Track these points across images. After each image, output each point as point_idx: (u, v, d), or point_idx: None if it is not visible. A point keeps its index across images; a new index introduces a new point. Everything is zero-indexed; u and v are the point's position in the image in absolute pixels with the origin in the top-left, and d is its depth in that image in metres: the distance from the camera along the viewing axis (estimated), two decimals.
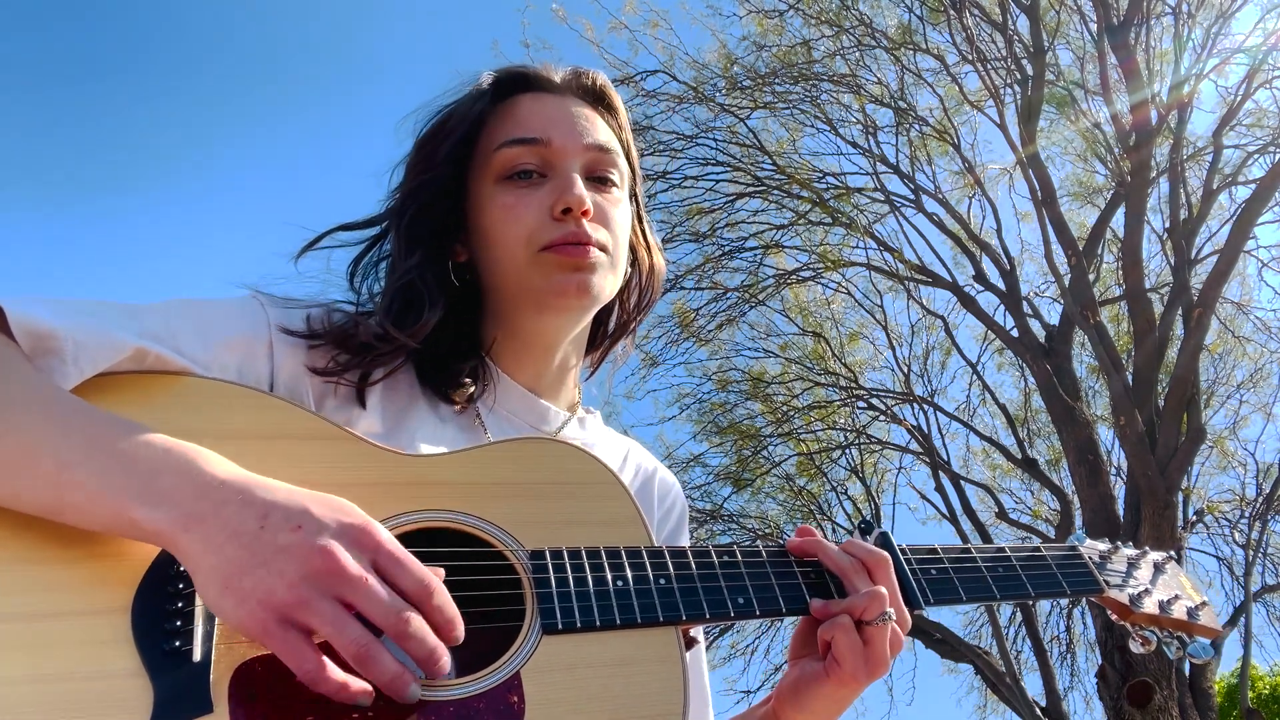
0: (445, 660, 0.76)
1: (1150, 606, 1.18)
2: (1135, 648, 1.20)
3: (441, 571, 0.80)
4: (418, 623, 0.75)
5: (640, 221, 1.28)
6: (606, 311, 1.30)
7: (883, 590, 0.97)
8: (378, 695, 0.75)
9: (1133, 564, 1.23)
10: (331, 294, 1.12)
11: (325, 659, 0.72)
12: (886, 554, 1.02)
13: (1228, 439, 10.11)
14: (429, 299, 1.08)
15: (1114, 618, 1.22)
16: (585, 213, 1.09)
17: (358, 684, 0.73)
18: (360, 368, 1.04)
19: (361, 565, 0.74)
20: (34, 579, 0.76)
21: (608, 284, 1.13)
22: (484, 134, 1.15)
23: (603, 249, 1.11)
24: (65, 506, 0.77)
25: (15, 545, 0.77)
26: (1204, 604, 1.20)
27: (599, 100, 1.21)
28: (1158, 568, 1.24)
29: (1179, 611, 1.19)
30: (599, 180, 1.15)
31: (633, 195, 1.25)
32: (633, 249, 1.26)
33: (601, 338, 1.32)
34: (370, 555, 0.76)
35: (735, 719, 1.16)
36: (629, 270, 1.25)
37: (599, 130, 1.16)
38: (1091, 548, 1.23)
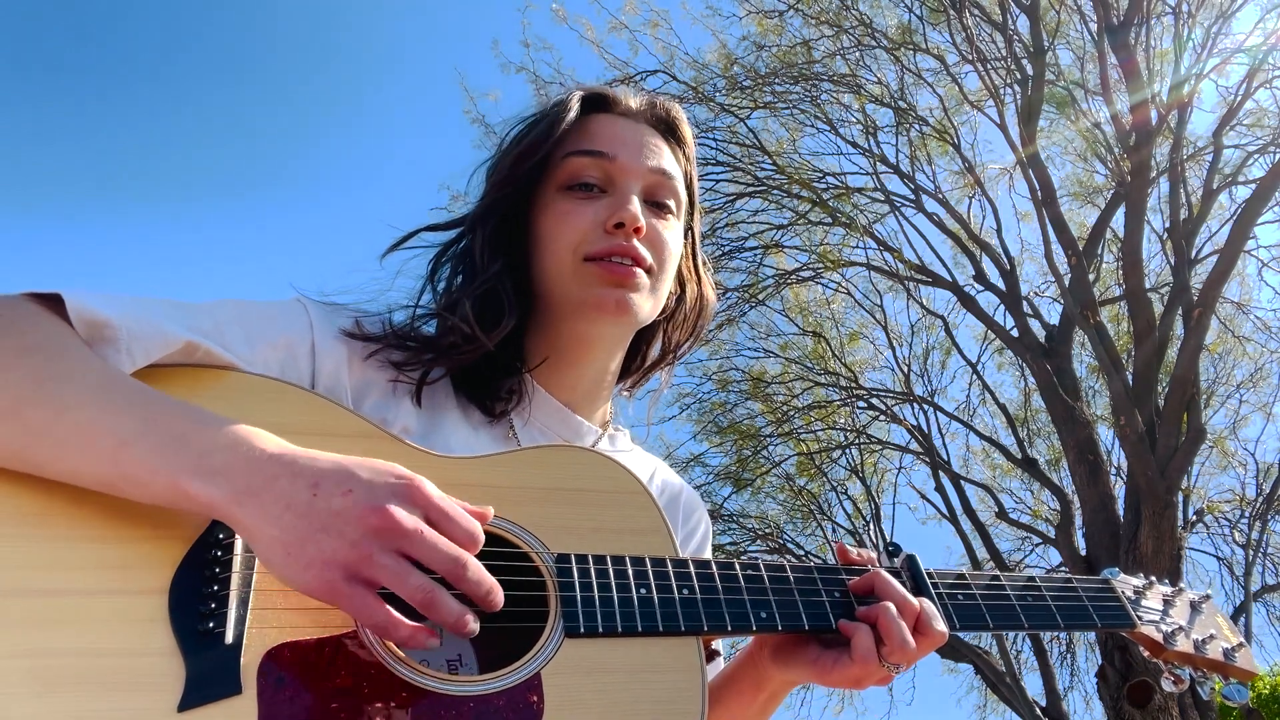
0: (499, 597, 0.79)
1: (1185, 645, 1.17)
2: (1168, 686, 1.18)
3: (489, 512, 0.86)
4: (474, 565, 0.78)
5: (693, 255, 1.29)
6: (648, 338, 1.31)
7: (915, 648, 0.98)
8: (402, 684, 0.79)
9: (1168, 601, 1.21)
10: (386, 299, 1.16)
11: (394, 610, 0.75)
12: (938, 613, 1.01)
13: (1228, 439, 10.13)
14: (508, 306, 1.12)
15: (1146, 654, 1.20)
16: (638, 230, 1.12)
17: (426, 630, 0.77)
18: (435, 365, 1.08)
19: (415, 519, 0.77)
20: (82, 556, 0.79)
21: (647, 305, 1.15)
22: (557, 145, 1.17)
23: (649, 271, 1.13)
24: (122, 481, 0.79)
25: (65, 523, 0.80)
26: (1240, 645, 1.19)
27: (669, 131, 1.24)
28: (1194, 606, 1.22)
29: (1214, 651, 1.17)
30: (657, 205, 1.17)
31: (688, 229, 1.26)
32: (682, 281, 1.28)
33: (640, 363, 1.32)
34: (421, 509, 0.79)
35: (721, 676, 1.17)
36: (674, 301, 1.27)
37: (664, 157, 1.19)
38: (1125, 582, 1.22)
